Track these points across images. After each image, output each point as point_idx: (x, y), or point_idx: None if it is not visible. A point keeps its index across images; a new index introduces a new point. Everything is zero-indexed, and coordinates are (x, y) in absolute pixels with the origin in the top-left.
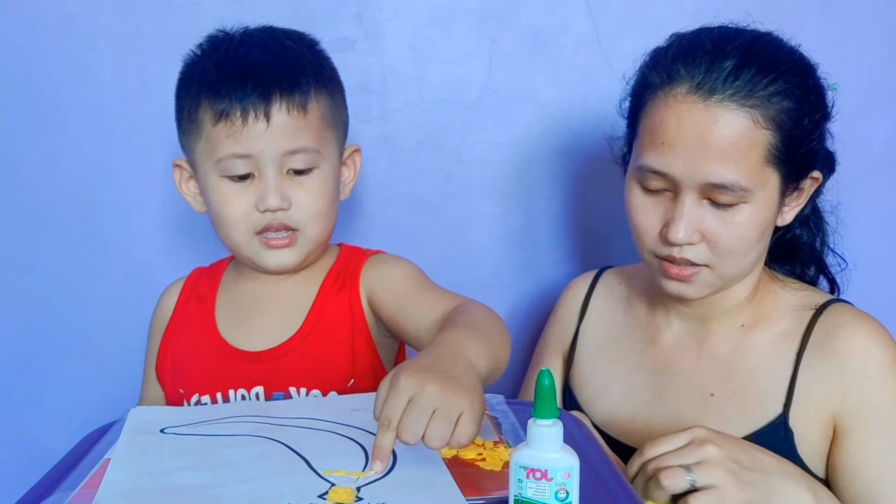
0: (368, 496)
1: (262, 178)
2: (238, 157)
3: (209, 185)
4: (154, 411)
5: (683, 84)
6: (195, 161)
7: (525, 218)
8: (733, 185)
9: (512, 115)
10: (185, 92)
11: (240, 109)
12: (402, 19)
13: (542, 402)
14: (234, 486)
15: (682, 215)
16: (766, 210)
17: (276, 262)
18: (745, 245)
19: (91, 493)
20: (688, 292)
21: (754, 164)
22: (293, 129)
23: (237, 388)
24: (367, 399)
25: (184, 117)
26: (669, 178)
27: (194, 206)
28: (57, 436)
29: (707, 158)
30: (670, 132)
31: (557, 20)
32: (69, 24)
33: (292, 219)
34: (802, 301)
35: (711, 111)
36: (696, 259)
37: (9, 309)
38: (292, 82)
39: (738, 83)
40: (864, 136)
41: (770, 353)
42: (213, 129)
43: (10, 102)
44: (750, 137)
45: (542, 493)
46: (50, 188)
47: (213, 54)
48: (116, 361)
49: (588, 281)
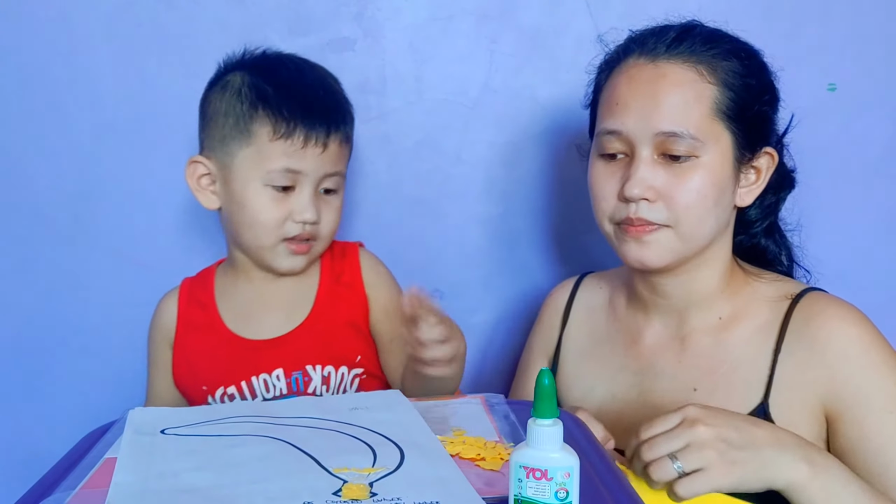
0: (382, 492)
1: (302, 192)
2: (290, 171)
3: (249, 189)
4: (154, 412)
5: (634, 54)
6: (231, 164)
7: (525, 218)
8: (683, 133)
9: (512, 115)
10: (232, 101)
11: (304, 135)
12: (401, 19)
13: (542, 401)
14: (246, 485)
15: (636, 170)
16: (719, 169)
17: (290, 265)
18: (701, 202)
19: (91, 493)
20: (648, 257)
21: (703, 116)
22: (337, 156)
23: (259, 373)
24: (365, 398)
25: (225, 123)
26: (624, 137)
27: (204, 201)
28: (57, 436)
29: (658, 109)
30: (623, 93)
31: (557, 20)
32: (69, 24)
33: (317, 232)
34: (778, 291)
35: (659, 68)
36: (652, 218)
37: (8, 309)
38: (343, 118)
39: (682, 46)
40: (863, 136)
41: (750, 345)
42: (269, 143)
43: (10, 102)
44: (697, 89)
45: (542, 492)
46: (49, 188)
47: (271, 76)
48: (116, 361)
49: (569, 287)
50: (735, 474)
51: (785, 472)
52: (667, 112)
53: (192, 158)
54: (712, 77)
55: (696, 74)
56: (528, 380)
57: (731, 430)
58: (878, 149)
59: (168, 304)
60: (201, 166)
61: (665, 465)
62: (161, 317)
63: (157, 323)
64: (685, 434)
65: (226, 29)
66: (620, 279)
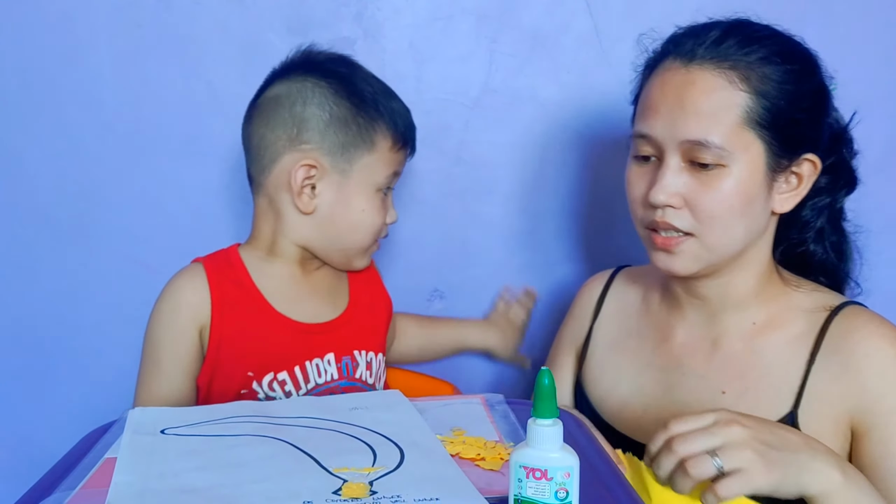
0: (382, 490)
1: (389, 195)
2: (395, 175)
3: (368, 194)
4: (153, 412)
5: (670, 56)
6: (351, 170)
7: (525, 218)
8: (709, 143)
9: (512, 115)
10: (355, 110)
11: (411, 148)
12: (401, 19)
13: (542, 401)
14: (247, 485)
15: (663, 176)
16: (748, 178)
17: (367, 263)
18: (727, 212)
19: (91, 492)
20: (675, 265)
21: (732, 125)
22: None
23: (312, 358)
24: (365, 398)
25: (348, 132)
26: (653, 141)
27: (305, 205)
28: (57, 436)
29: (685, 117)
30: (655, 97)
31: (557, 20)
32: (69, 24)
33: None
34: (816, 303)
35: (691, 73)
36: (678, 224)
37: (9, 309)
38: None
39: (718, 50)
40: (863, 136)
41: (783, 354)
42: (390, 153)
43: (10, 102)
44: (726, 97)
45: (542, 492)
46: (50, 188)
47: (381, 89)
48: (117, 361)
49: (604, 280)
50: (774, 475)
51: (819, 478)
52: (693, 120)
53: (304, 161)
54: (744, 84)
55: (725, 81)
56: (556, 372)
57: (767, 433)
58: (878, 149)
59: (193, 281)
60: (312, 170)
61: (705, 462)
62: (187, 296)
63: (181, 303)
64: (722, 432)
65: (226, 29)
66: (655, 276)
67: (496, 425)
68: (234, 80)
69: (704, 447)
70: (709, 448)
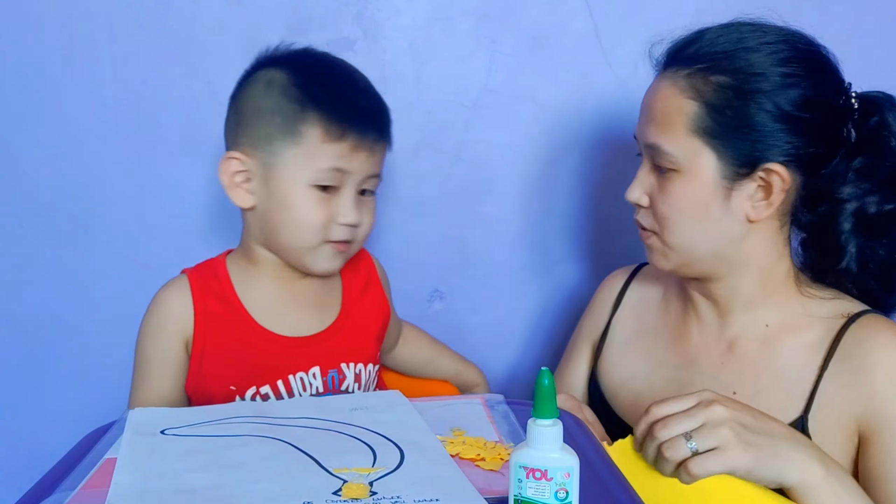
0: (382, 491)
1: (344, 193)
2: (337, 171)
3: (296, 189)
4: (154, 412)
5: (657, 64)
6: (276, 163)
7: (524, 218)
8: (658, 148)
9: (512, 115)
10: (279, 99)
11: (356, 139)
12: (401, 19)
13: (542, 402)
14: (247, 485)
15: (636, 176)
16: (699, 184)
17: (328, 266)
18: (678, 214)
19: (91, 493)
20: (653, 260)
21: (679, 132)
22: (380, 159)
23: (296, 372)
24: (364, 398)
25: (271, 121)
26: (638, 143)
27: (239, 199)
28: (57, 436)
29: (646, 122)
30: (642, 101)
31: (557, 20)
32: (69, 24)
33: (355, 234)
34: (834, 310)
35: (659, 81)
36: (644, 223)
37: (9, 309)
38: (388, 124)
39: (679, 57)
40: None
41: (797, 359)
42: (320, 145)
43: (10, 102)
44: (676, 105)
45: (542, 492)
46: (49, 188)
47: (320, 77)
48: (116, 361)
49: (626, 274)
50: (749, 455)
51: (798, 468)
52: (651, 125)
53: (229, 154)
54: (691, 92)
55: (676, 90)
56: (573, 363)
57: (748, 416)
58: None
59: (178, 295)
60: (237, 163)
61: (679, 444)
62: (171, 310)
63: (166, 317)
64: (701, 414)
65: (226, 29)
66: (674, 276)
67: (496, 425)
68: (234, 80)
69: (682, 430)
70: (687, 430)
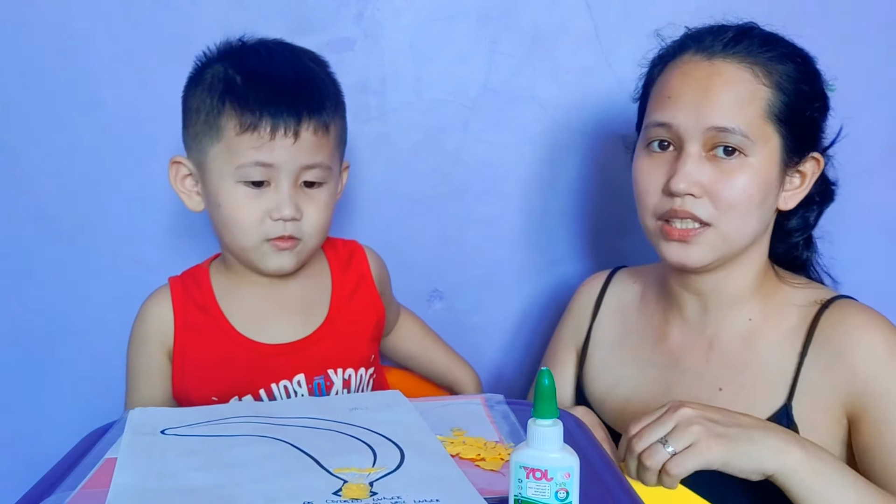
0: (382, 491)
1: (279, 187)
2: (260, 165)
3: (222, 187)
4: (154, 412)
5: (689, 50)
6: (205, 162)
7: (524, 218)
8: (734, 129)
9: (512, 115)
10: (203, 95)
11: (270, 125)
12: (401, 19)
13: (542, 402)
14: (246, 485)
15: (684, 164)
16: (766, 170)
17: (277, 265)
18: (747, 202)
19: (91, 493)
20: (690, 257)
21: (755, 117)
22: (314, 146)
23: (279, 380)
24: (364, 399)
25: (197, 119)
26: (674, 130)
27: (189, 203)
28: (57, 436)
29: (710, 105)
30: (675, 87)
31: (557, 20)
32: (69, 24)
33: (300, 229)
34: (809, 297)
35: (715, 65)
36: (699, 213)
37: (9, 309)
38: (319, 104)
39: (739, 46)
40: (863, 136)
41: (778, 349)
42: (237, 137)
43: (10, 102)
44: (751, 90)
45: (542, 492)
46: (49, 188)
47: (240, 66)
48: (116, 361)
49: (602, 279)
50: (723, 447)
51: (776, 454)
52: (719, 108)
53: (173, 158)
54: (767, 79)
55: (751, 75)
56: (557, 372)
57: (716, 413)
58: (878, 150)
59: (160, 306)
60: (183, 167)
61: (656, 450)
62: (153, 321)
63: (149, 328)
64: (671, 417)
65: (226, 29)
66: (653, 275)
67: (496, 425)
68: None
69: (657, 437)
70: (661, 436)
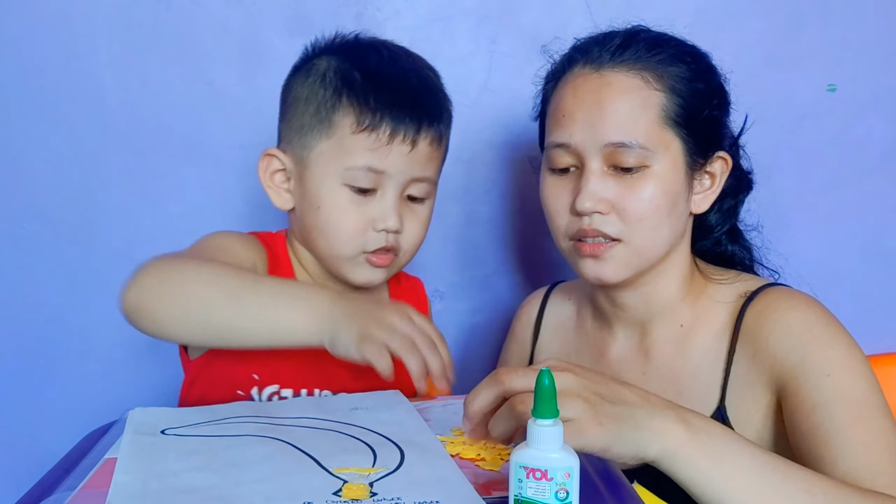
0: (382, 491)
1: (385, 196)
2: (371, 171)
3: (325, 188)
4: (154, 412)
5: (578, 63)
6: (307, 158)
7: (524, 218)
8: (632, 143)
9: (512, 115)
10: (314, 86)
11: (390, 129)
12: (401, 19)
13: (542, 402)
14: (246, 485)
15: (587, 182)
16: (671, 177)
17: (367, 278)
18: (655, 213)
19: (91, 493)
20: (605, 273)
21: (651, 124)
22: (427, 158)
23: (322, 388)
24: (364, 399)
25: (305, 111)
26: (573, 150)
27: (276, 201)
28: (57, 436)
29: (605, 120)
30: (568, 104)
31: (557, 20)
32: (69, 24)
33: (399, 243)
34: (735, 292)
35: (604, 77)
36: (607, 230)
37: (9, 309)
38: (438, 114)
39: (627, 53)
40: (862, 136)
41: (709, 351)
42: (352, 136)
43: (11, 102)
44: (643, 97)
45: (542, 493)
46: (50, 188)
47: (359, 62)
48: (116, 361)
49: (539, 299)
50: (606, 429)
51: (657, 437)
52: (614, 122)
53: (267, 151)
54: (658, 83)
55: (641, 81)
56: None
57: (602, 385)
58: (878, 150)
59: (254, 240)
60: (276, 160)
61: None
62: (251, 242)
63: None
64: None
65: (226, 29)
66: (585, 291)
67: None
68: (234, 80)
69: (531, 385)
70: None
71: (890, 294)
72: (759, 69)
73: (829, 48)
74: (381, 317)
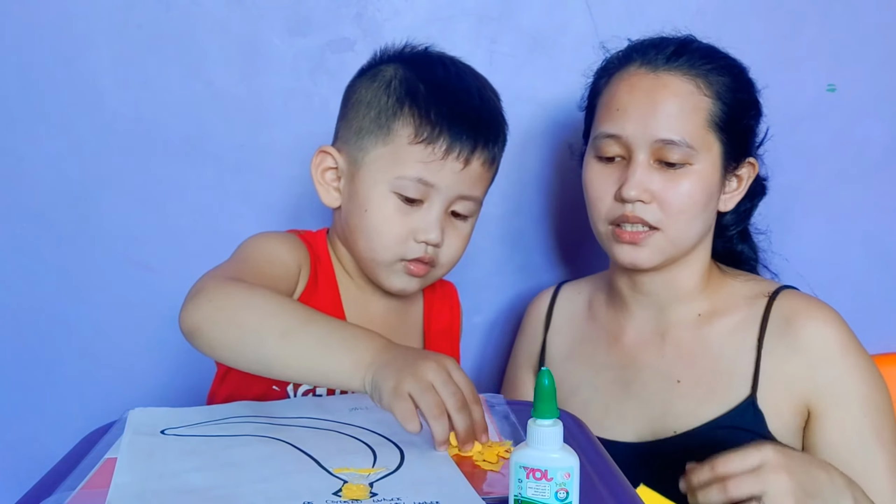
0: (382, 492)
1: (431, 209)
2: (422, 183)
3: (375, 193)
4: (153, 412)
5: (635, 63)
6: (362, 160)
7: (524, 218)
8: (681, 142)
9: (512, 115)
10: (378, 92)
11: (447, 144)
12: (401, 19)
13: (542, 402)
14: (246, 486)
15: (634, 173)
16: (710, 176)
17: (401, 286)
18: (692, 207)
19: (91, 493)
20: (640, 258)
21: (698, 127)
22: (477, 178)
23: None
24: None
25: (367, 114)
26: (623, 141)
27: (324, 198)
28: (57, 436)
29: (657, 117)
30: (623, 99)
31: (557, 20)
32: (69, 25)
33: (437, 256)
34: (754, 290)
35: (661, 78)
36: (648, 218)
37: (10, 310)
38: (495, 136)
39: (681, 60)
40: (862, 136)
41: (731, 340)
42: (408, 145)
43: (11, 103)
44: (694, 101)
45: (542, 493)
46: (50, 188)
47: (425, 73)
48: (116, 361)
49: (548, 296)
50: None
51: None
52: (665, 120)
53: (322, 148)
54: (708, 90)
55: (694, 87)
56: (515, 389)
57: (806, 478)
58: (878, 150)
59: (296, 239)
60: (329, 158)
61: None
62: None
63: (289, 239)
64: (769, 480)
65: (226, 29)
66: (599, 283)
67: (496, 425)
68: (234, 80)
69: (751, 492)
70: (755, 493)
71: (890, 294)
72: (759, 69)
73: (829, 48)
74: (418, 372)
